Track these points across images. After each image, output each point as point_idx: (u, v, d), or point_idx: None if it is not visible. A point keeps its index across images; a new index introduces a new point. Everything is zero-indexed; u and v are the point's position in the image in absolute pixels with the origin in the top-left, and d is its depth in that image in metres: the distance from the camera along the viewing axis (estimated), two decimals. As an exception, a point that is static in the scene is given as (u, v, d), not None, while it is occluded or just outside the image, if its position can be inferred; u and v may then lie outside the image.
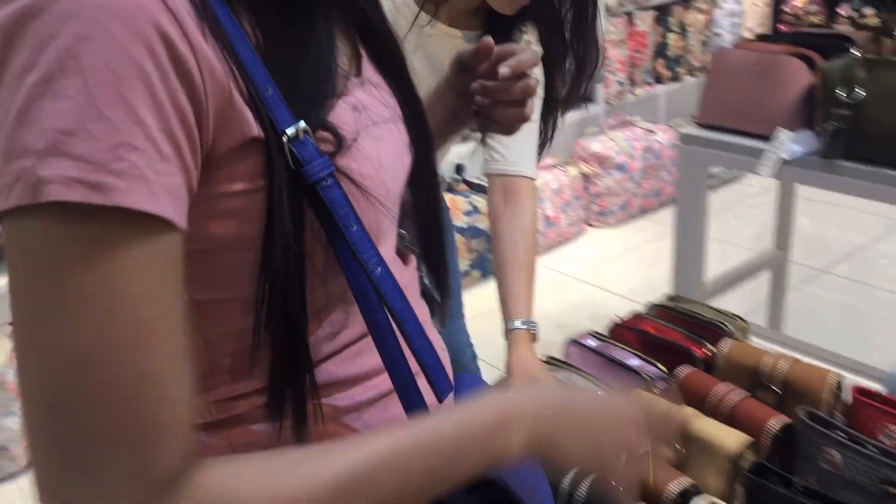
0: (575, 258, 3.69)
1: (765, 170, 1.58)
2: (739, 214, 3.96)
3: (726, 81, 1.75)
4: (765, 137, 1.64)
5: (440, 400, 0.66)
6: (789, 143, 1.58)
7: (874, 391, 1.28)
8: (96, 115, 0.44)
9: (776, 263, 2.41)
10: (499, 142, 1.46)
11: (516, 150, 1.47)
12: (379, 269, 0.59)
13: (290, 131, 0.54)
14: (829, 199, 3.89)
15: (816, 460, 1.19)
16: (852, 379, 1.38)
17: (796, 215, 2.49)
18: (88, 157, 0.44)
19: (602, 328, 1.59)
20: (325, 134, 0.58)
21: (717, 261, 2.51)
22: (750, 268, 2.38)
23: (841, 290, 3.31)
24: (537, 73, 1.34)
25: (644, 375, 1.41)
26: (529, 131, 1.44)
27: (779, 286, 2.46)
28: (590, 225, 3.96)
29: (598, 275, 3.50)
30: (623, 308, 1.72)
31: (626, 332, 1.59)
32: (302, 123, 0.55)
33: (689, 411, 1.27)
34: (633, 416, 0.66)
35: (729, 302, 2.26)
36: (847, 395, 1.31)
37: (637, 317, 1.65)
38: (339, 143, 0.58)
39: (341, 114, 0.60)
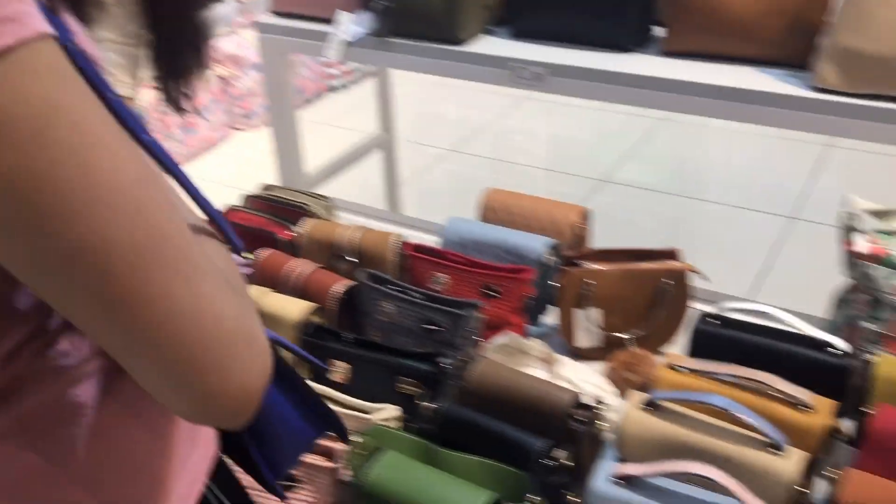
0: (222, 163, 3.63)
1: (331, 52, 1.64)
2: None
3: (292, -33, 1.77)
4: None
5: (238, 252, 0.63)
6: (351, 25, 1.64)
7: (427, 246, 1.42)
8: None
9: (385, 145, 2.53)
10: None
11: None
12: (146, 135, 0.53)
13: None
14: (453, 83, 4.16)
15: (376, 314, 1.30)
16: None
17: (399, 96, 2.57)
18: None
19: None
20: None
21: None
22: (356, 153, 2.47)
23: (477, 166, 3.59)
24: None
25: (228, 264, 1.45)
26: None
27: (390, 168, 2.58)
28: (235, 128, 3.89)
29: (246, 178, 3.46)
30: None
31: (219, 225, 1.61)
32: None
33: (260, 290, 1.32)
34: None
35: (347, 188, 2.36)
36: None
37: (231, 209, 1.67)
38: (53, 5, 0.50)
39: None
